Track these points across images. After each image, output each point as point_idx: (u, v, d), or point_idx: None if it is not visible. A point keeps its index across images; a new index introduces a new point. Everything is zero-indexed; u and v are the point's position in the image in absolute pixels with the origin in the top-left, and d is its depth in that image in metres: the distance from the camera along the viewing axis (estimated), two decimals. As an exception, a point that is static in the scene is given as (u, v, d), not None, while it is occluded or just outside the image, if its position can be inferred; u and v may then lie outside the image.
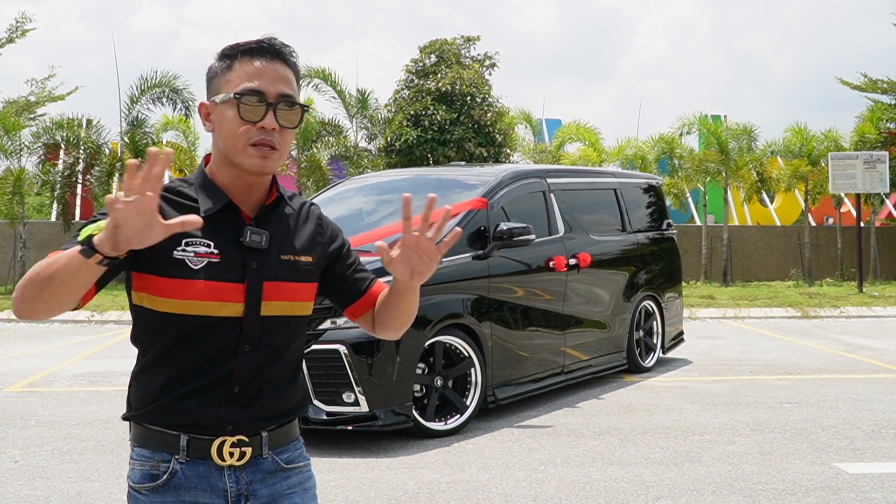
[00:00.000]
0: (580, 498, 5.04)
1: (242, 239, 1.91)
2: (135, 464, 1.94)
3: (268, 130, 1.89)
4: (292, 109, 1.93)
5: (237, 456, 1.91)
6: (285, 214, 2.02)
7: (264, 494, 1.95)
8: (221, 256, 1.88)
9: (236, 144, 1.90)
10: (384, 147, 23.30)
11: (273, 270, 1.93)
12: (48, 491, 5.21)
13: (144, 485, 1.92)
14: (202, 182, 1.96)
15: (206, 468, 1.90)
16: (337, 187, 8.88)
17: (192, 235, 1.86)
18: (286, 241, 1.99)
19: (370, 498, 5.08)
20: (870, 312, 16.02)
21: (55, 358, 10.75)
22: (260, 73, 1.91)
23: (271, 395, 1.95)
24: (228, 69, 1.93)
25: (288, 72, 1.95)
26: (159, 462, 1.90)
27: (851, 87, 25.12)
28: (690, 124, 24.78)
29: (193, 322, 1.86)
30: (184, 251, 1.86)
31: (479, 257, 7.11)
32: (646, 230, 9.80)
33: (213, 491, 1.90)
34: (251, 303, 1.90)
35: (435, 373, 6.68)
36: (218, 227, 1.90)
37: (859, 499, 4.97)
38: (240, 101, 1.88)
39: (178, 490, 1.89)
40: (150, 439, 1.92)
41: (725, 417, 7.13)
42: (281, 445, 1.99)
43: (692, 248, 24.17)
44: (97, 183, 22.61)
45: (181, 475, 1.89)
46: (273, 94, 1.90)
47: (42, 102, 22.06)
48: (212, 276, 1.87)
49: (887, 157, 20.00)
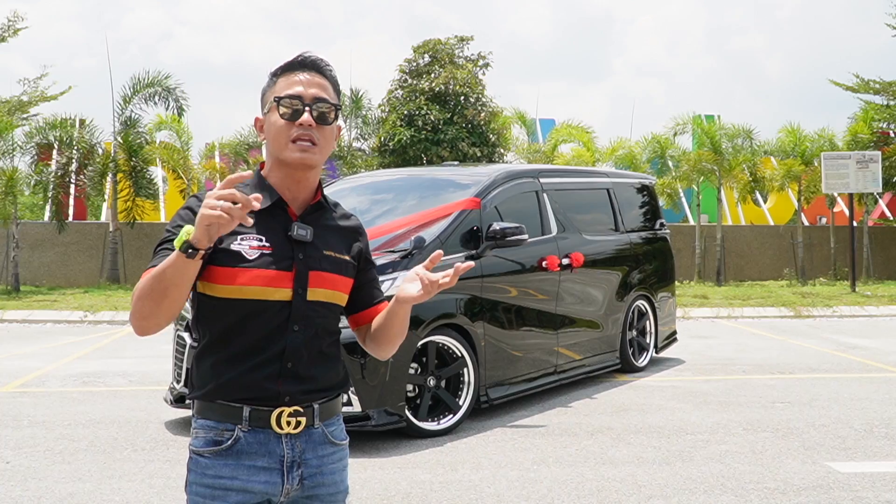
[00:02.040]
0: (572, 497, 5.05)
1: (290, 233, 2.19)
2: (199, 432, 2.17)
3: (305, 127, 2.18)
4: (327, 108, 2.22)
5: (293, 425, 2.16)
6: (329, 216, 2.32)
7: (313, 464, 2.20)
8: (273, 248, 2.16)
9: (280, 142, 2.20)
10: (378, 147, 23.30)
11: (317, 261, 2.21)
12: (40, 492, 5.20)
13: (209, 448, 2.14)
14: (257, 183, 2.25)
15: (265, 436, 2.14)
16: (330, 187, 8.88)
17: (246, 231, 2.13)
18: (329, 238, 2.27)
19: (363, 498, 5.08)
20: (862, 312, 16.06)
21: (48, 358, 10.73)
22: (298, 82, 2.22)
23: (320, 371, 2.21)
24: (273, 84, 2.26)
25: (323, 80, 2.25)
26: (224, 430, 2.14)
27: (844, 88, 25.18)
28: (684, 124, 24.82)
29: (249, 306, 2.13)
30: (239, 244, 2.13)
31: (472, 257, 7.11)
32: (639, 230, 9.81)
33: (270, 456, 2.15)
34: (298, 288, 2.17)
35: (428, 373, 6.68)
36: (269, 222, 2.18)
37: (851, 498, 4.98)
38: (279, 103, 2.19)
39: (239, 454, 2.13)
40: (215, 411, 2.15)
41: (718, 417, 7.15)
42: (329, 417, 2.25)
43: (686, 248, 24.20)
44: (90, 183, 22.55)
45: (244, 441, 2.13)
46: (309, 96, 2.20)
47: (35, 102, 21.97)
48: (264, 265, 2.14)
49: (880, 157, 20.04)
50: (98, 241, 22.97)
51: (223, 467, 2.13)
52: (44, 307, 16.17)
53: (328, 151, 2.25)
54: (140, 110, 22.69)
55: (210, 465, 2.13)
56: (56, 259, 22.88)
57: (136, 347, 11.58)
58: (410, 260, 6.67)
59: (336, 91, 2.28)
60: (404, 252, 6.74)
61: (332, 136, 2.25)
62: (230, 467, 2.13)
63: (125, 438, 6.53)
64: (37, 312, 15.64)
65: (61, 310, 15.78)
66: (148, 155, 22.60)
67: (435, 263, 2.20)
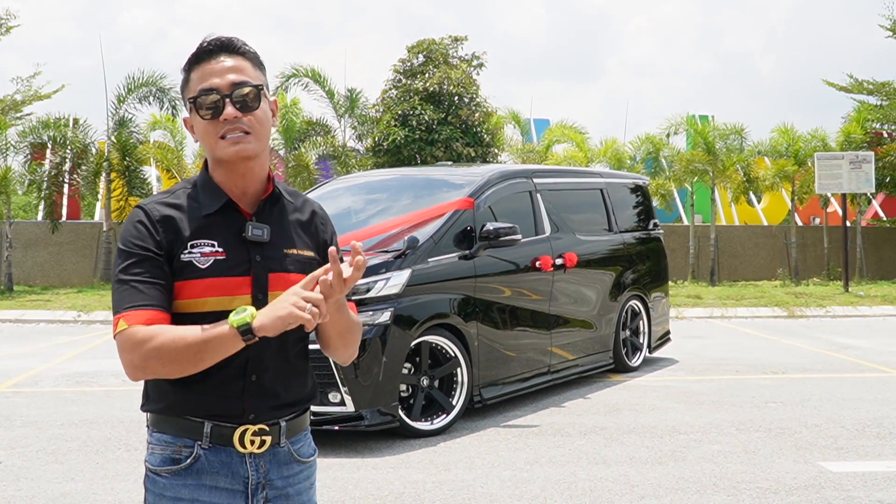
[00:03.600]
0: (565, 497, 5.06)
1: (245, 234, 2.00)
2: (154, 448, 2.02)
3: (231, 121, 1.98)
4: (250, 92, 2.00)
5: (257, 444, 2.00)
6: (286, 210, 2.11)
7: (278, 485, 2.04)
8: (227, 253, 1.98)
9: (210, 142, 2.01)
10: (372, 147, 23.28)
11: (277, 262, 2.03)
12: (32, 491, 5.20)
13: (165, 468, 1.99)
14: (203, 183, 2.07)
15: (227, 454, 1.99)
16: (325, 186, 8.89)
17: (196, 237, 1.98)
18: (288, 235, 2.08)
19: (356, 498, 5.08)
20: (855, 312, 16.10)
21: (41, 358, 10.71)
22: (210, 72, 2.01)
23: (286, 384, 2.04)
24: (187, 82, 2.05)
25: (238, 60, 2.03)
26: (181, 447, 1.98)
27: (838, 89, 25.25)
28: (678, 125, 24.86)
29: (207, 318, 1.93)
30: (190, 253, 1.97)
31: (465, 257, 7.11)
32: (632, 230, 9.82)
33: (233, 476, 1.99)
34: (258, 294, 1.99)
35: (421, 372, 6.69)
36: (220, 225, 2.01)
37: (843, 497, 5.00)
38: (195, 105, 2.00)
39: (199, 474, 1.98)
40: (172, 425, 2.00)
41: (711, 417, 7.16)
42: (296, 434, 2.09)
43: (679, 248, 24.23)
44: (84, 182, 22.50)
45: (204, 460, 1.98)
46: (224, 85, 1.99)
47: (28, 101, 21.91)
48: (219, 273, 1.97)
49: (873, 158, 20.09)
50: (92, 240, 22.93)
51: (182, 488, 1.98)
52: (37, 307, 16.15)
53: (266, 135, 2.05)
54: (134, 110, 22.67)
55: (168, 486, 1.99)
56: (49, 259, 22.84)
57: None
58: (404, 260, 6.68)
59: (258, 67, 2.06)
60: (398, 252, 6.74)
61: (265, 119, 2.04)
62: (189, 488, 1.98)
63: (118, 438, 6.52)
64: (30, 312, 15.61)
65: (55, 310, 15.76)
66: (142, 154, 22.58)
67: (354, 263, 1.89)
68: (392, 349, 6.35)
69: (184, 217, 2.00)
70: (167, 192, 2.08)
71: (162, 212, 2.00)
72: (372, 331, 6.28)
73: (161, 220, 1.99)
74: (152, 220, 1.99)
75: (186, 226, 2.00)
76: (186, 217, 2.01)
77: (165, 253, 1.97)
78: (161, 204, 2.03)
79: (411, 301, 6.60)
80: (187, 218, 2.00)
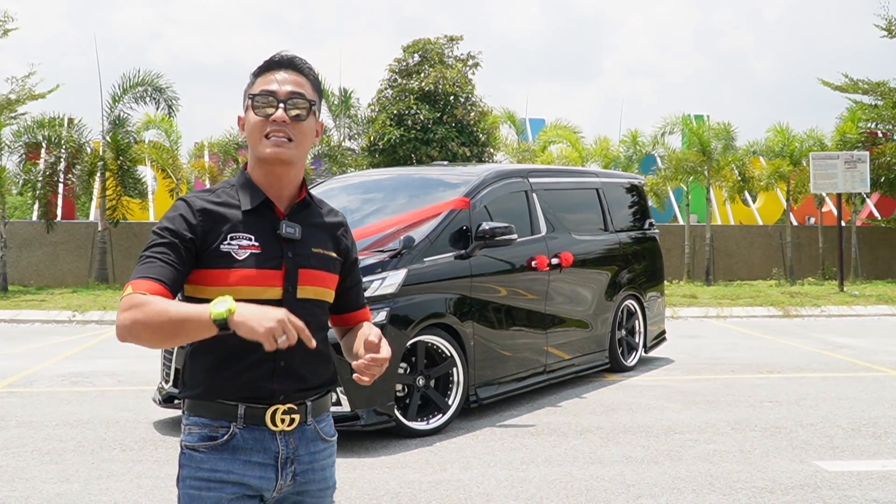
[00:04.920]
0: (561, 497, 5.06)
1: (279, 231, 2.21)
2: (192, 428, 2.19)
3: (279, 123, 2.19)
4: (302, 104, 2.22)
5: (287, 422, 2.20)
6: (315, 214, 2.34)
7: (305, 460, 2.24)
8: (262, 247, 2.19)
9: (255, 138, 2.22)
10: (367, 146, 23.26)
11: (306, 259, 2.24)
12: (27, 492, 5.18)
13: (203, 444, 2.17)
14: (242, 182, 2.27)
15: (260, 433, 2.18)
16: (320, 186, 8.87)
17: (235, 230, 2.18)
18: (316, 236, 2.29)
19: (352, 498, 5.08)
20: (850, 311, 16.13)
21: (36, 358, 10.68)
22: (274, 80, 2.24)
23: (312, 368, 2.23)
24: (253, 84, 2.27)
25: (300, 78, 2.26)
26: (218, 427, 2.17)
27: (833, 88, 25.25)
28: (673, 124, 24.87)
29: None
30: (229, 244, 2.17)
31: (461, 257, 7.11)
32: (628, 230, 9.83)
33: (265, 452, 2.18)
34: (288, 286, 2.20)
35: (417, 372, 6.68)
36: (257, 221, 2.21)
37: (838, 497, 5.01)
38: (253, 101, 2.22)
39: (235, 450, 2.16)
40: (209, 409, 2.18)
41: (706, 416, 7.17)
42: (320, 413, 2.29)
43: (675, 248, 24.25)
44: (79, 182, 22.45)
45: (239, 437, 2.16)
46: (283, 93, 2.21)
47: (23, 100, 21.80)
48: (254, 265, 2.16)
49: (868, 157, 20.10)
50: (86, 240, 22.88)
51: (219, 461, 2.15)
52: (32, 307, 16.11)
53: (306, 148, 2.26)
54: (130, 109, 22.60)
55: (205, 460, 2.16)
56: (44, 258, 22.79)
57: (125, 347, 11.53)
58: (400, 259, 6.68)
59: (316, 89, 2.29)
60: (393, 251, 6.74)
61: (309, 133, 2.25)
62: (226, 461, 2.15)
63: (113, 438, 6.51)
64: (25, 312, 15.57)
65: (49, 309, 15.72)
66: (136, 154, 22.52)
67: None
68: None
69: (224, 211, 2.20)
70: (208, 191, 2.27)
71: (203, 205, 2.20)
72: (368, 330, 6.26)
73: (201, 211, 2.18)
74: (193, 211, 2.18)
75: (226, 219, 2.19)
76: (227, 211, 2.20)
77: (199, 241, 2.16)
78: (202, 199, 2.22)
79: (407, 301, 6.60)
80: (227, 212, 2.20)
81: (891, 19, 24.25)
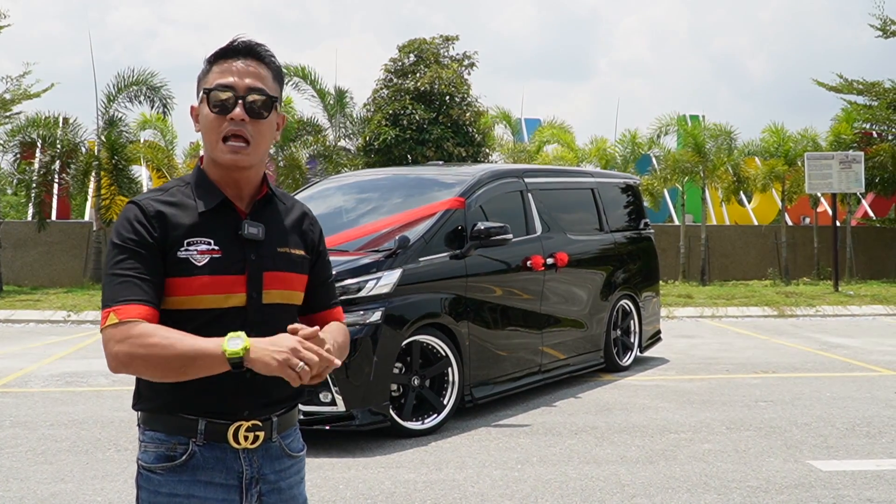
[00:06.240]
0: (556, 496, 5.06)
1: (241, 232, 2.03)
2: (147, 446, 2.03)
3: (237, 122, 2.01)
4: (263, 100, 2.04)
5: (251, 440, 2.03)
6: (278, 210, 2.15)
7: (271, 479, 2.08)
8: (222, 251, 2.01)
9: (211, 139, 2.04)
10: (363, 146, 23.25)
11: (271, 261, 2.07)
12: (22, 492, 5.17)
13: (160, 465, 2.01)
14: (198, 180, 2.09)
15: (221, 451, 2.02)
16: (316, 186, 8.87)
17: (192, 234, 2.00)
18: (281, 234, 2.12)
19: (346, 497, 5.08)
20: (845, 311, 16.16)
21: (30, 358, 10.66)
22: (232, 70, 2.04)
23: (278, 381, 1.99)
24: (208, 72, 2.07)
25: (261, 69, 2.06)
26: (176, 444, 2.00)
27: (827, 89, 25.29)
28: (668, 125, 24.91)
29: (202, 315, 1.98)
30: (186, 250, 1.99)
31: (456, 257, 7.11)
32: (623, 230, 9.84)
33: (228, 472, 2.02)
34: (252, 292, 2.03)
35: (412, 372, 6.68)
36: (216, 223, 2.04)
37: (832, 496, 5.02)
38: (209, 95, 2.02)
39: (195, 470, 2.00)
40: (166, 423, 2.02)
41: (701, 416, 7.18)
42: (286, 429, 2.13)
43: (670, 248, 24.28)
44: (73, 182, 22.41)
45: (199, 456, 2.00)
46: (242, 87, 2.02)
47: (17, 100, 21.76)
48: (215, 271, 1.99)
49: (863, 158, 20.15)
50: (81, 240, 22.85)
51: (178, 484, 2.00)
52: (27, 307, 16.07)
53: (265, 148, 2.08)
54: (125, 109, 22.54)
55: (163, 483, 2.00)
56: (39, 258, 22.75)
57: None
58: (395, 259, 6.68)
59: (277, 80, 2.10)
60: (388, 251, 6.74)
61: (269, 131, 2.07)
62: (185, 484, 2.00)
63: (108, 439, 6.50)
64: (19, 312, 15.54)
65: (44, 309, 15.69)
66: (131, 154, 22.48)
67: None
68: (383, 349, 6.34)
69: (179, 214, 2.02)
70: (160, 190, 2.09)
71: (157, 208, 2.02)
72: (363, 330, 6.27)
73: (156, 216, 2.00)
74: (147, 216, 2.00)
75: (182, 223, 2.01)
76: (182, 214, 2.02)
77: (159, 248, 1.99)
78: (156, 200, 2.04)
79: (402, 300, 6.60)
80: (183, 215, 2.02)
81: (885, 19, 24.31)
